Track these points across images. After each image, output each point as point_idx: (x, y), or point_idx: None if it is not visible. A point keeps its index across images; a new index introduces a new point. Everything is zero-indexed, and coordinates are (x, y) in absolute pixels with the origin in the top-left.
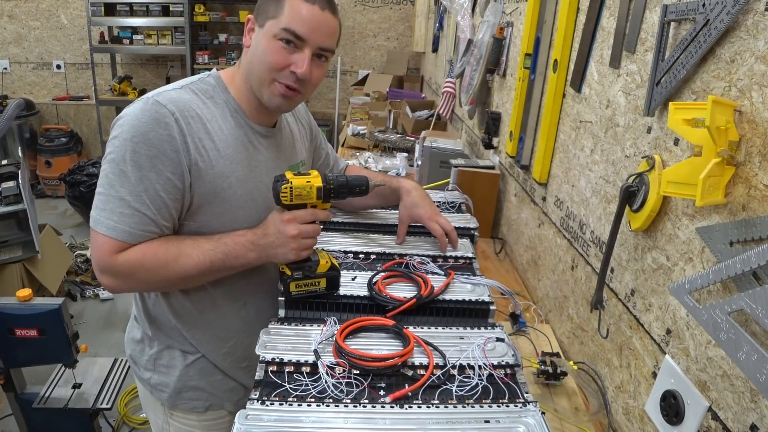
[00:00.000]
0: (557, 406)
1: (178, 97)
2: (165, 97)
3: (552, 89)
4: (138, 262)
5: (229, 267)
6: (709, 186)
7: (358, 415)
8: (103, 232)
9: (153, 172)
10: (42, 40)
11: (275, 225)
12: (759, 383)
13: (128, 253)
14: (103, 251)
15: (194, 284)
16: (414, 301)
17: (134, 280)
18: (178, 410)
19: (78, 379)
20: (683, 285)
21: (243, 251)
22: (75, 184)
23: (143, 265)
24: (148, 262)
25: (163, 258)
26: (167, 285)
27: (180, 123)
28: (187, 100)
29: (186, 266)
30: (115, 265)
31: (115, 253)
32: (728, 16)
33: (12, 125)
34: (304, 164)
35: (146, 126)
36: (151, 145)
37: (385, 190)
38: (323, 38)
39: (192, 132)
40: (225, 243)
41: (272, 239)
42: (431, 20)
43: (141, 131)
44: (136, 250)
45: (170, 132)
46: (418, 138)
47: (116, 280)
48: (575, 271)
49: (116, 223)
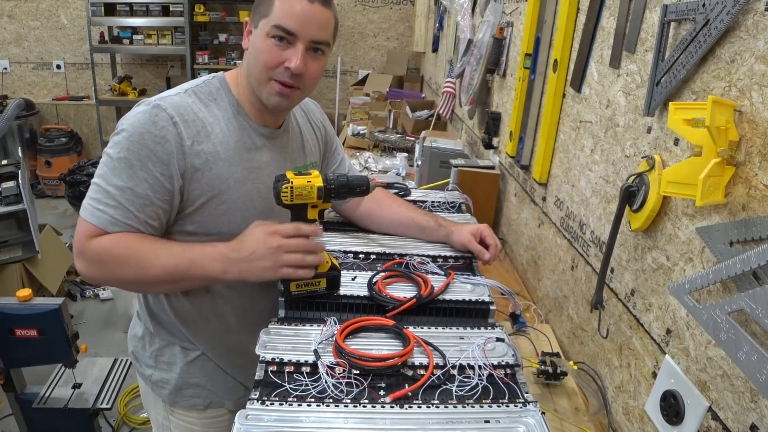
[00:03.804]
0: (557, 406)
1: (180, 101)
2: (167, 101)
3: (552, 89)
4: (108, 249)
5: (194, 276)
6: (709, 186)
7: (358, 415)
8: (85, 218)
9: (143, 171)
10: (42, 40)
11: (254, 237)
12: (759, 383)
13: (102, 239)
14: (80, 234)
15: (161, 289)
16: (414, 301)
17: (103, 270)
18: (178, 407)
19: (78, 379)
20: (683, 285)
21: (209, 261)
22: (75, 184)
23: (112, 252)
24: (118, 250)
25: (132, 250)
26: (134, 282)
27: (179, 127)
28: (189, 103)
29: (152, 263)
30: (88, 249)
31: (90, 238)
32: (728, 16)
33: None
34: (315, 165)
35: (143, 127)
36: (144, 145)
37: (430, 225)
38: (315, 31)
39: (191, 135)
40: (193, 250)
41: (246, 254)
42: (431, 20)
43: (138, 131)
44: (110, 237)
45: (165, 135)
46: (418, 138)
47: (88, 266)
48: (575, 271)
49: (100, 211)
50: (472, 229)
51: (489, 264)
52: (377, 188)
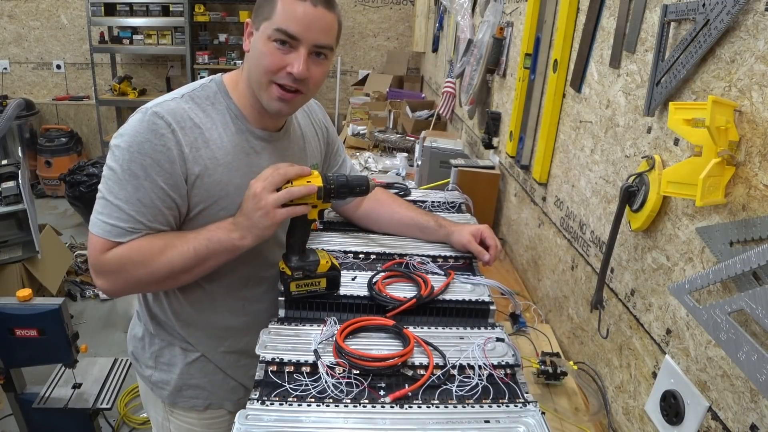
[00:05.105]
0: (557, 406)
1: (177, 107)
2: (163, 108)
3: (552, 89)
4: (125, 257)
5: (215, 253)
6: (709, 186)
7: (358, 415)
8: (95, 233)
9: (147, 181)
10: (42, 40)
11: (246, 196)
12: (759, 383)
13: (116, 249)
14: (94, 251)
15: (185, 279)
16: (414, 301)
17: (124, 278)
18: (178, 408)
19: (78, 379)
20: (683, 285)
21: (225, 234)
22: (75, 184)
23: (130, 258)
24: (134, 255)
25: (148, 251)
26: (157, 280)
27: (177, 134)
28: (186, 109)
29: (171, 257)
30: (104, 262)
31: (104, 252)
32: (728, 16)
33: (12, 125)
34: (316, 167)
35: (142, 137)
36: (146, 155)
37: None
38: (318, 35)
39: (189, 142)
40: (207, 229)
41: (246, 214)
42: (431, 20)
43: (137, 141)
44: (124, 246)
45: (165, 143)
46: (418, 138)
47: (108, 280)
48: (575, 271)
49: (111, 226)
50: (472, 230)
51: (489, 265)
52: (377, 188)
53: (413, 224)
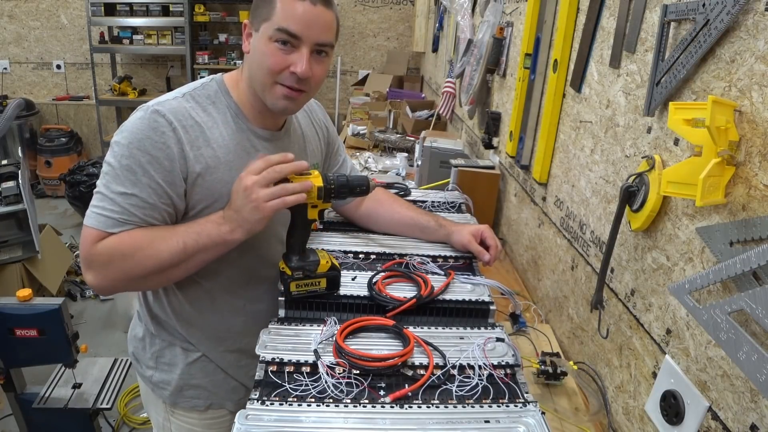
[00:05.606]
0: (557, 406)
1: (178, 105)
2: (165, 106)
3: (552, 89)
4: (115, 248)
5: (204, 247)
6: (709, 186)
7: (358, 415)
8: (88, 224)
9: (146, 177)
10: (42, 40)
11: (234, 190)
12: (759, 383)
13: (107, 240)
14: (86, 242)
15: (175, 274)
16: (414, 301)
17: (112, 271)
18: (179, 408)
19: (78, 379)
20: (683, 285)
21: (214, 227)
22: (75, 184)
23: (119, 249)
24: (124, 246)
25: (138, 242)
26: (145, 274)
27: (178, 132)
28: (187, 108)
29: (159, 249)
30: (95, 253)
31: (95, 242)
32: (728, 16)
33: (12, 125)
34: (317, 167)
35: (143, 134)
36: (145, 152)
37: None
38: (319, 33)
39: (190, 140)
40: (197, 223)
41: (235, 207)
42: (431, 20)
43: (138, 138)
44: (114, 237)
45: (166, 141)
46: (418, 138)
47: (98, 273)
48: (575, 271)
49: (104, 217)
50: (472, 230)
51: (489, 265)
52: (378, 188)
53: (413, 224)
